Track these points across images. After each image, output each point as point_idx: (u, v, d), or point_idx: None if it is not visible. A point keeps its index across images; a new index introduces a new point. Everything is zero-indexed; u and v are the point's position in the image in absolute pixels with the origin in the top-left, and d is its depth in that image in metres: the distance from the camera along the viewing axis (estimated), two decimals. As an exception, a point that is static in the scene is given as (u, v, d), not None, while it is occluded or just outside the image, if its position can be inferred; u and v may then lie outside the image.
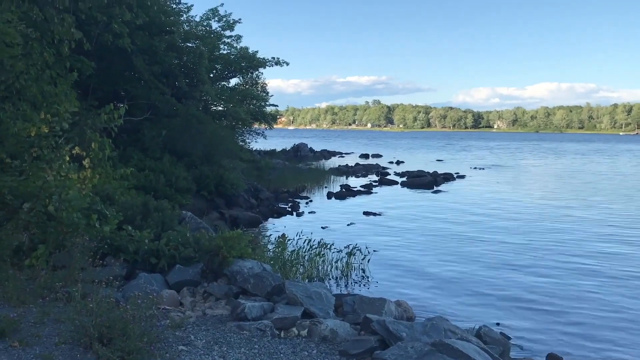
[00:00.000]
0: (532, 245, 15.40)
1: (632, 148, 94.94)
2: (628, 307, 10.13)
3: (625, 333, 8.89)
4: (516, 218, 20.06)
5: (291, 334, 6.33)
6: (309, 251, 12.39)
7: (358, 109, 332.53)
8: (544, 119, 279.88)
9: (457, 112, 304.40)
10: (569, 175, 40.32)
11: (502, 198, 26.12)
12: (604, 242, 15.83)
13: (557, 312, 9.80)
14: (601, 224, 18.85)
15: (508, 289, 11.29)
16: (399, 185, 31.86)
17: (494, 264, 13.31)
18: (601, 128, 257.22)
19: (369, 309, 7.01)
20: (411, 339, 5.59)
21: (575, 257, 14.01)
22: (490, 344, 7.07)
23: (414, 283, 11.61)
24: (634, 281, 11.85)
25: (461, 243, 15.65)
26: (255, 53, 26.64)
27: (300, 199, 24.58)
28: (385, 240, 15.92)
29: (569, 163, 54.63)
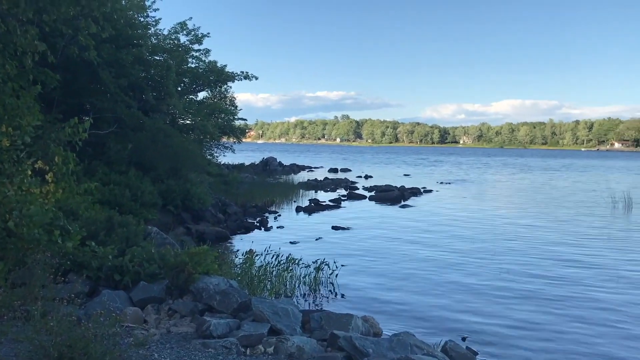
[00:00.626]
0: (498, 259, 15.60)
1: (595, 164, 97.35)
2: (593, 321, 10.31)
3: (593, 346, 9.04)
4: (482, 232, 20.33)
5: (257, 351, 6.27)
6: (277, 267, 12.31)
7: (327, 123, 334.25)
8: (508, 134, 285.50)
9: (424, 127, 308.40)
10: (534, 190, 41.12)
11: (468, 212, 26.46)
12: (569, 257, 16.12)
13: (525, 328, 9.91)
14: (564, 239, 19.22)
15: (475, 303, 11.39)
16: (367, 200, 32.01)
17: (460, 278, 13.43)
18: (564, 144, 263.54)
19: (336, 325, 7.00)
20: (377, 355, 5.58)
21: (540, 271, 14.22)
22: (456, 359, 7.12)
23: (381, 298, 11.63)
24: (597, 296, 12.07)
25: (428, 257, 15.77)
26: (224, 67, 26.61)
27: (269, 214, 24.48)
28: (353, 254, 15.94)
29: (534, 178, 55.70)
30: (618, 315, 10.67)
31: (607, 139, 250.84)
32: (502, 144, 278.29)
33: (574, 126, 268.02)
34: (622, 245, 18.01)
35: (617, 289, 12.57)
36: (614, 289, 12.58)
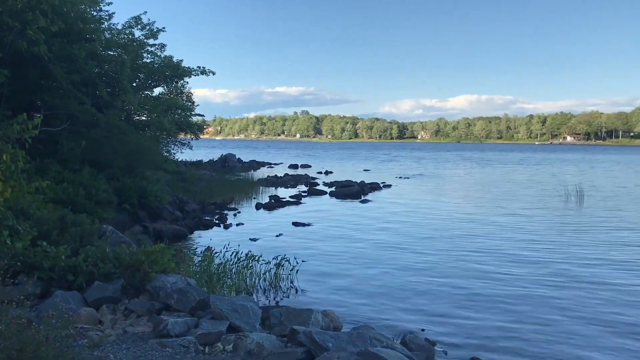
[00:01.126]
0: (455, 251, 15.85)
1: (548, 157, 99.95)
2: (546, 310, 10.57)
3: (545, 335, 9.26)
4: (440, 225, 20.64)
5: (216, 349, 6.18)
6: (237, 264, 12.19)
7: (287, 119, 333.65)
8: (465, 129, 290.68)
9: (383, 123, 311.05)
10: (490, 184, 41.95)
11: (426, 206, 26.83)
12: (523, 249, 16.51)
13: (481, 319, 10.08)
14: (520, 232, 19.66)
15: (433, 294, 11.54)
16: (327, 196, 32.09)
17: (419, 270, 13.60)
18: (518, 138, 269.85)
19: (296, 320, 6.97)
20: (337, 349, 5.58)
21: (496, 262, 14.52)
22: (415, 350, 7.19)
23: (342, 292, 11.67)
24: (552, 284, 12.38)
25: (388, 251, 15.91)
26: (180, 62, 26.15)
27: (228, 211, 24.26)
28: (314, 250, 15.95)
29: (491, 172, 56.85)
30: (570, 305, 10.97)
31: (560, 133, 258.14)
32: (459, 138, 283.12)
33: (528, 121, 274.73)
34: (575, 237, 18.54)
35: (569, 275, 12.93)
36: (565, 283, 12.93)
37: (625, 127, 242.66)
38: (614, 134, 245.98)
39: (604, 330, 9.44)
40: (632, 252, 15.90)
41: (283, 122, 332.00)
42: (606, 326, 9.65)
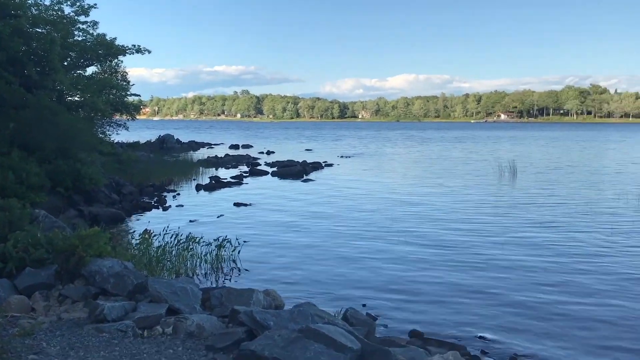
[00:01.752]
0: (395, 227, 16.15)
1: (484, 135, 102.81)
2: (480, 281, 10.95)
3: (476, 304, 9.59)
4: (381, 203, 20.95)
5: (155, 332, 6.08)
6: (177, 246, 12.00)
7: (227, 99, 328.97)
8: (404, 108, 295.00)
9: (324, 102, 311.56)
10: (430, 161, 42.85)
11: (368, 184, 27.18)
12: (459, 223, 16.99)
13: (421, 292, 10.34)
14: (458, 206, 20.23)
15: (374, 271, 11.74)
16: (269, 175, 31.97)
17: (360, 247, 13.79)
18: (455, 116, 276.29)
19: (237, 301, 6.94)
20: (279, 327, 5.60)
21: (435, 237, 14.89)
22: (356, 325, 7.29)
23: (284, 271, 11.70)
24: (483, 257, 12.82)
25: (330, 229, 16.04)
26: (113, 40, 25.24)
27: (167, 193, 23.80)
28: (256, 230, 15.89)
29: (430, 150, 58.02)
30: (504, 275, 11.39)
31: (494, 111, 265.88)
32: (398, 117, 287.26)
33: (464, 99, 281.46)
34: (509, 210, 19.23)
35: (503, 249, 13.42)
36: (501, 249, 13.41)
37: (556, 105, 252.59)
38: (545, 111, 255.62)
39: (530, 306, 9.85)
40: (554, 230, 16.64)
41: (223, 102, 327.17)
42: (533, 301, 10.09)
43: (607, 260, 12.45)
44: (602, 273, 11.45)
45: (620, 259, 12.51)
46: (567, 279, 11.02)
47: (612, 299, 9.84)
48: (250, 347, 5.08)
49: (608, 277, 11.18)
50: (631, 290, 10.31)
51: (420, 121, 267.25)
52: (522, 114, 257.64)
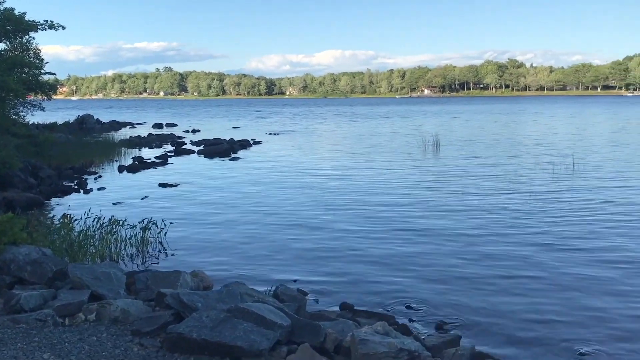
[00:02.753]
0: (324, 203, 16.26)
1: (410, 110, 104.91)
2: (408, 252, 11.22)
3: (405, 275, 9.83)
4: (309, 180, 21.01)
5: (77, 320, 5.84)
6: (100, 230, 11.57)
7: (149, 76, 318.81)
8: (330, 84, 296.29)
9: (250, 79, 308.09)
10: (358, 137, 43.31)
11: (296, 161, 27.19)
12: (386, 197, 17.30)
13: (349, 267, 10.46)
14: (383, 181, 20.58)
15: (305, 246, 11.78)
16: (195, 154, 31.37)
17: (290, 223, 13.80)
18: (380, 92, 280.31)
19: (164, 284, 6.77)
20: (207, 308, 5.51)
21: (361, 212, 15.09)
22: (287, 301, 7.30)
23: (212, 251, 11.54)
24: (409, 229, 13.13)
25: (258, 207, 15.94)
26: (22, 15, 23.72)
27: (88, 175, 22.88)
28: (183, 211, 15.57)
29: (358, 126, 58.61)
30: (430, 245, 11.73)
31: (418, 86, 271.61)
32: (325, 94, 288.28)
33: (389, 75, 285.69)
34: (432, 183, 19.77)
35: (428, 221, 13.80)
36: (426, 221, 13.79)
37: (476, 79, 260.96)
38: (466, 85, 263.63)
39: (456, 275, 10.20)
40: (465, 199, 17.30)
41: (145, 80, 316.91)
42: (457, 273, 10.46)
43: (527, 228, 13.04)
44: (522, 241, 11.99)
45: (539, 227, 13.14)
46: (490, 248, 11.46)
47: (532, 266, 10.33)
48: (178, 330, 4.97)
49: (527, 244, 11.72)
50: (549, 256, 10.86)
51: (347, 97, 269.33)
52: (444, 89, 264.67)
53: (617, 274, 9.72)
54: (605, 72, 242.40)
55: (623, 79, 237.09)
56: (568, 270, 9.95)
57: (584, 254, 10.91)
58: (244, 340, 4.83)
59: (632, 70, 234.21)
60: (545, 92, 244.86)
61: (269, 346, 4.89)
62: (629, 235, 12.21)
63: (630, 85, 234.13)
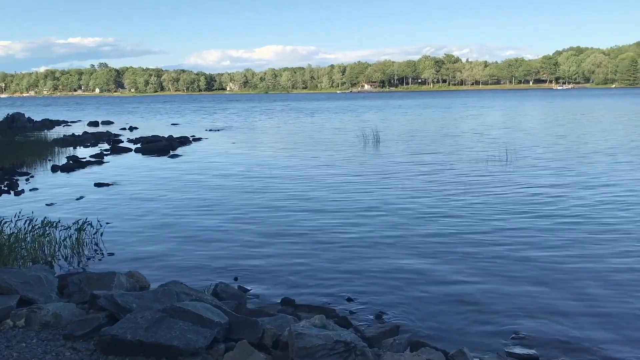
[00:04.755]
0: (265, 199, 16.22)
1: (350, 105, 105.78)
2: (348, 246, 11.35)
3: (346, 268, 9.95)
4: (250, 176, 20.90)
5: (5, 326, 5.62)
6: (32, 232, 11.15)
7: (83, 73, 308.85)
8: (272, 80, 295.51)
9: (189, 74, 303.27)
10: (300, 133, 43.33)
11: (238, 158, 26.99)
12: (329, 191, 17.44)
13: (290, 262, 10.49)
14: (323, 176, 20.72)
15: (246, 243, 11.72)
16: (133, 152, 30.62)
17: (230, 220, 13.69)
18: (322, 87, 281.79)
19: (98, 285, 6.60)
20: (142, 308, 5.42)
21: (301, 207, 15.15)
22: (226, 299, 7.27)
23: (150, 251, 11.32)
24: (348, 223, 13.29)
25: (198, 205, 15.74)
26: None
27: (19, 176, 21.93)
28: (120, 210, 15.20)
29: (301, 122, 58.64)
30: (369, 238, 11.91)
31: (359, 82, 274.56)
32: (267, 89, 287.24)
33: (330, 70, 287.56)
34: (373, 176, 20.06)
35: (368, 210, 14.01)
36: (366, 215, 14.00)
37: (414, 74, 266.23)
38: (404, 80, 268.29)
39: (396, 267, 10.43)
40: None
41: (79, 76, 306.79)
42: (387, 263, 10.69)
43: (462, 219, 13.44)
44: (457, 231, 12.35)
45: (473, 218, 13.57)
46: (427, 239, 11.74)
47: (467, 256, 10.67)
48: (112, 332, 4.87)
49: (461, 233, 12.09)
50: (481, 246, 11.26)
51: (288, 92, 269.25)
52: (384, 84, 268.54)
53: (539, 261, 10.18)
54: (537, 66, 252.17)
55: (553, 73, 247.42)
56: (499, 258, 10.34)
57: (512, 245, 11.36)
58: (180, 340, 4.79)
59: (561, 64, 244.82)
60: (481, 87, 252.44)
61: (206, 344, 4.87)
62: (553, 229, 12.80)
63: (560, 79, 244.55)
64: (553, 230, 12.15)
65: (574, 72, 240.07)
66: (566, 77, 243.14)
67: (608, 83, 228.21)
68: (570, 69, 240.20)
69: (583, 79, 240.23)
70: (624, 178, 18.57)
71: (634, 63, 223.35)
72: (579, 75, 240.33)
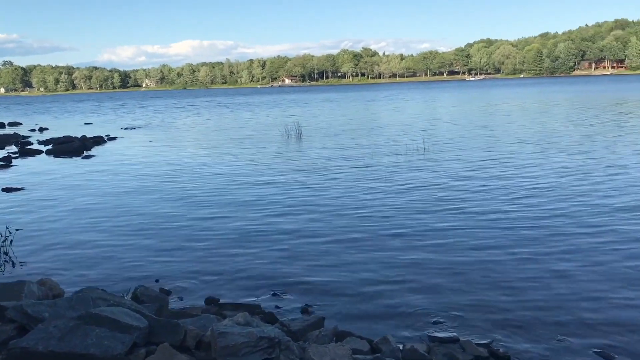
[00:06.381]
0: (184, 199, 15.89)
1: (275, 99, 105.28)
2: (270, 240, 11.31)
3: (268, 264, 9.91)
4: (169, 173, 20.43)
5: None
6: None
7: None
8: (190, 75, 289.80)
9: (102, 72, 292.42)
10: (221, 129, 42.70)
11: (155, 156, 26.28)
12: (250, 186, 17.31)
13: (212, 259, 10.34)
14: (245, 172, 20.58)
15: (166, 243, 11.42)
16: (44, 154, 29.14)
17: (148, 222, 13.30)
18: (241, 82, 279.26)
19: (7, 296, 6.23)
20: (55, 317, 5.16)
21: (223, 203, 14.97)
22: (147, 302, 7.07)
23: (64, 257, 10.81)
24: (266, 219, 13.27)
25: (114, 207, 15.17)
26: None
27: None
28: (31, 216, 14.40)
29: (220, 117, 57.78)
30: (291, 230, 11.94)
31: (279, 76, 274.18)
32: (185, 85, 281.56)
33: (249, 65, 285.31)
34: (295, 169, 20.10)
35: (290, 203, 14.03)
36: (288, 203, 14.02)
37: (334, 68, 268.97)
38: (324, 74, 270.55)
39: (318, 260, 10.50)
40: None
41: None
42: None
43: (383, 209, 13.71)
44: (379, 222, 12.59)
45: (394, 207, 13.88)
46: (350, 229, 11.90)
47: (387, 242, 10.91)
48: (21, 344, 4.60)
49: (382, 222, 12.34)
50: (404, 234, 11.54)
51: (207, 88, 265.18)
52: (304, 78, 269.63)
53: (455, 250, 10.57)
54: (450, 58, 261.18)
55: (466, 64, 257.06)
56: (418, 249, 10.64)
57: (428, 236, 11.73)
58: (97, 347, 4.60)
59: (473, 56, 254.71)
60: (398, 79, 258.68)
61: (125, 350, 4.70)
62: (467, 219, 13.33)
63: (472, 70, 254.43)
64: (466, 220, 12.63)
65: (484, 64, 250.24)
66: (478, 69, 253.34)
67: (517, 73, 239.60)
68: (481, 61, 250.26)
69: (494, 70, 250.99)
70: (537, 164, 19.59)
71: (539, 54, 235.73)
72: (490, 67, 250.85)
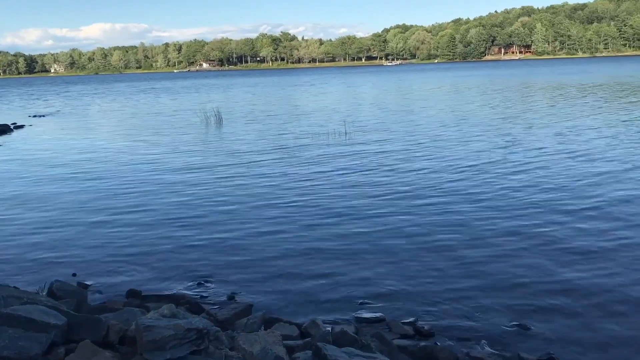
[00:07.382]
0: (98, 188, 15.30)
1: (193, 83, 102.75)
2: (194, 227, 11.07)
3: (194, 252, 9.70)
4: (83, 163, 19.63)
5: None
6: None
7: None
8: (101, 60, 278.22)
9: (6, 56, 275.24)
10: (134, 115, 41.34)
11: (69, 145, 25.10)
12: (168, 174, 16.88)
13: (134, 250, 10.02)
14: (166, 160, 20.05)
15: (82, 234, 10.96)
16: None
17: (61, 213, 12.68)
18: (157, 67, 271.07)
19: None
20: (-38, 320, 4.78)
21: (139, 192, 14.51)
22: (64, 298, 6.74)
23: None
24: (197, 203, 13.00)
25: (25, 199, 14.35)
26: None
27: None
28: None
29: (135, 103, 55.83)
30: (216, 219, 11.74)
31: (196, 60, 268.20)
32: (96, 70, 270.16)
33: (165, 49, 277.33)
34: (215, 155, 19.78)
35: (208, 192, 13.79)
36: (206, 191, 13.77)
37: (252, 52, 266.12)
38: (243, 59, 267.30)
39: (245, 247, 10.40)
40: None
41: None
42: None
43: (305, 195, 13.75)
44: (300, 209, 12.61)
45: (314, 192, 13.96)
46: (268, 217, 11.82)
47: (312, 229, 10.96)
48: None
49: (304, 210, 12.38)
50: (324, 219, 11.62)
51: (121, 73, 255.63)
52: (222, 62, 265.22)
53: (378, 230, 10.80)
54: (368, 44, 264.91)
55: (383, 49, 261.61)
56: (339, 231, 10.79)
57: (354, 218, 11.90)
58: (11, 349, 4.31)
59: (389, 41, 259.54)
60: (317, 64, 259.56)
61: (43, 350, 4.44)
62: (390, 199, 13.64)
63: (389, 55, 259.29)
64: (391, 204, 12.87)
65: (401, 49, 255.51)
66: (394, 54, 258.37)
67: (431, 58, 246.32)
68: (397, 46, 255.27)
69: (409, 55, 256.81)
70: (455, 147, 20.29)
71: (452, 39, 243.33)
72: (406, 52, 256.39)
